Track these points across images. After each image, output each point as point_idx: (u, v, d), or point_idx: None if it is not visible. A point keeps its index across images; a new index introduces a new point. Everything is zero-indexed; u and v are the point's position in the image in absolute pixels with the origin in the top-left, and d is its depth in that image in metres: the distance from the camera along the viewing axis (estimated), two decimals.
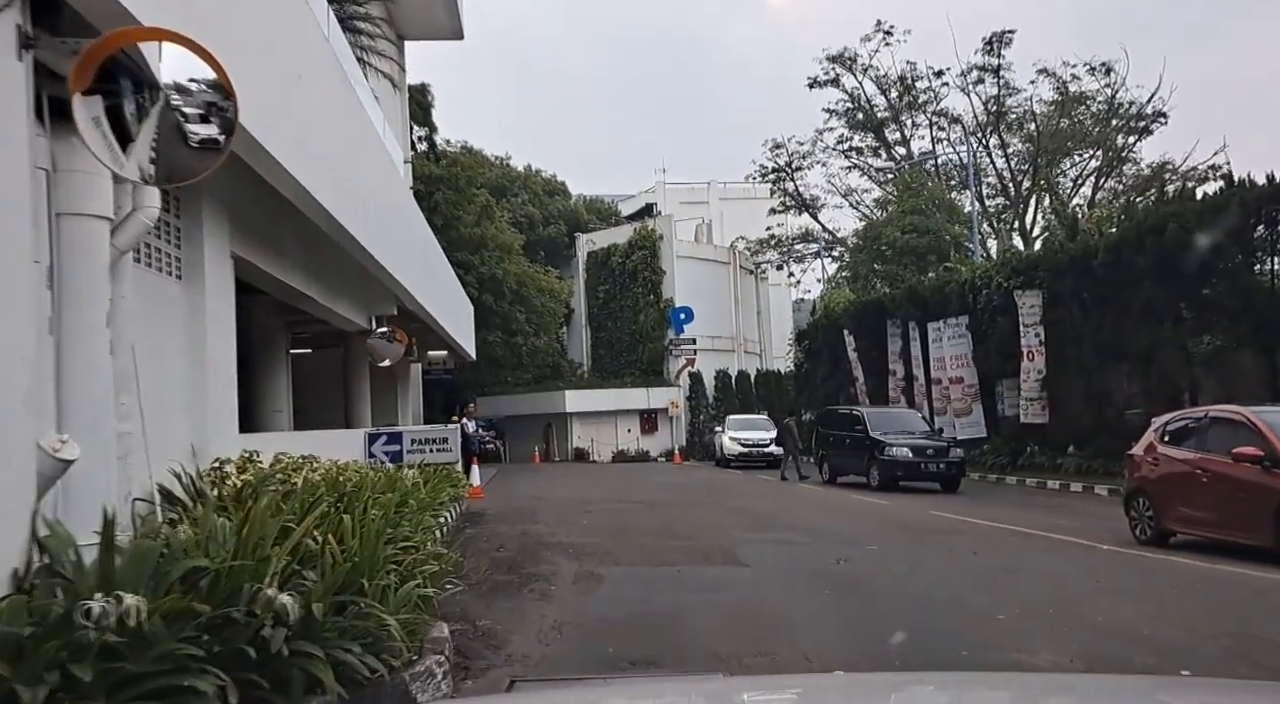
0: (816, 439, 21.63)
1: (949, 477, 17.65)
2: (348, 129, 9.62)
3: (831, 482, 19.44)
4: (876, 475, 17.69)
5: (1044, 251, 21.00)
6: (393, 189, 12.83)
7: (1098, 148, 38.68)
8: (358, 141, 10.11)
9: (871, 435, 18.30)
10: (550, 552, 9.21)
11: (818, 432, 21.77)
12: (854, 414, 20.20)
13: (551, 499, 16.33)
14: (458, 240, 30.56)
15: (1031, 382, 20.91)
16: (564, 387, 40.26)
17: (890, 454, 17.65)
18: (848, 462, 19.38)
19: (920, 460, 17.67)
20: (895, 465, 17.54)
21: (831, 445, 20.22)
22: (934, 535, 10.52)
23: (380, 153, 11.69)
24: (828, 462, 20.30)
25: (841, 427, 20.06)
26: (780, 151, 44.03)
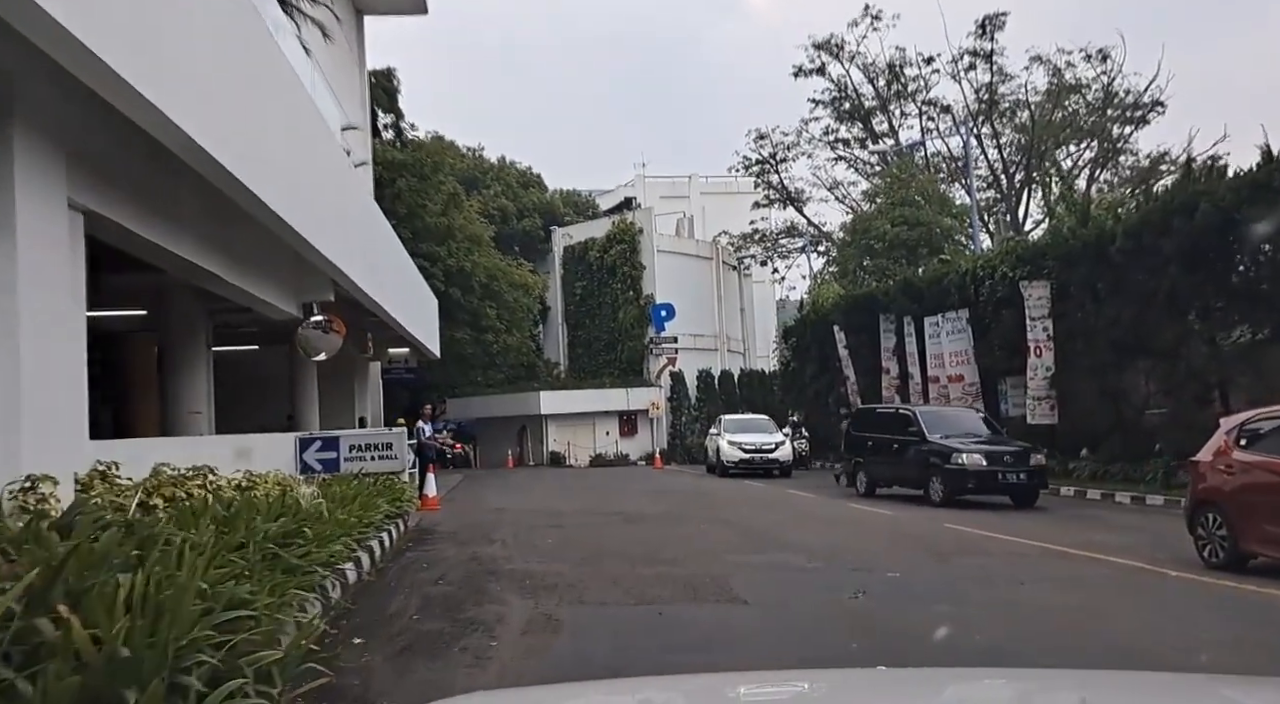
0: (848, 444, 18.56)
1: (1028, 489, 14.62)
2: (252, 65, 7.84)
3: (869, 493, 16.53)
4: (940, 488, 14.60)
5: (1052, 239, 19.45)
6: (326, 157, 11.05)
7: (1093, 138, 37.39)
8: (269, 86, 8.34)
9: (930, 439, 15.26)
10: (501, 585, 7.47)
11: (849, 435, 18.70)
12: (902, 414, 17.24)
13: (517, 512, 14.57)
14: (423, 230, 28.73)
15: (1039, 379, 19.38)
16: (539, 387, 38.48)
17: (960, 462, 14.49)
18: (894, 471, 16.39)
19: (997, 469, 14.50)
20: (965, 476, 14.40)
21: (871, 451, 17.08)
22: (959, 557, 8.87)
23: (306, 110, 9.91)
24: (865, 471, 17.11)
25: (885, 429, 17.01)
26: (764, 142, 42.45)
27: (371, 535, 8.63)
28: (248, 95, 7.70)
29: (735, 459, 23.66)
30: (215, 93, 6.76)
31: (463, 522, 12.88)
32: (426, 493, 14.89)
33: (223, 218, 8.58)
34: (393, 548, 9.58)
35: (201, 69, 6.43)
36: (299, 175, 9.16)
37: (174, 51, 5.84)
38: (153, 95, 5.47)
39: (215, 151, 6.62)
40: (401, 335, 20.06)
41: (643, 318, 40.39)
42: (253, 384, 21.04)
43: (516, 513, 14.35)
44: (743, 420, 26.24)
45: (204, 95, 6.47)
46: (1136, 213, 16.51)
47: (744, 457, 23.60)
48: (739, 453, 23.71)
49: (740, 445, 23.86)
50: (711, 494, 18.06)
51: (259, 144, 7.81)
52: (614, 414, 38.81)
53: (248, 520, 5.32)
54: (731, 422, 25.79)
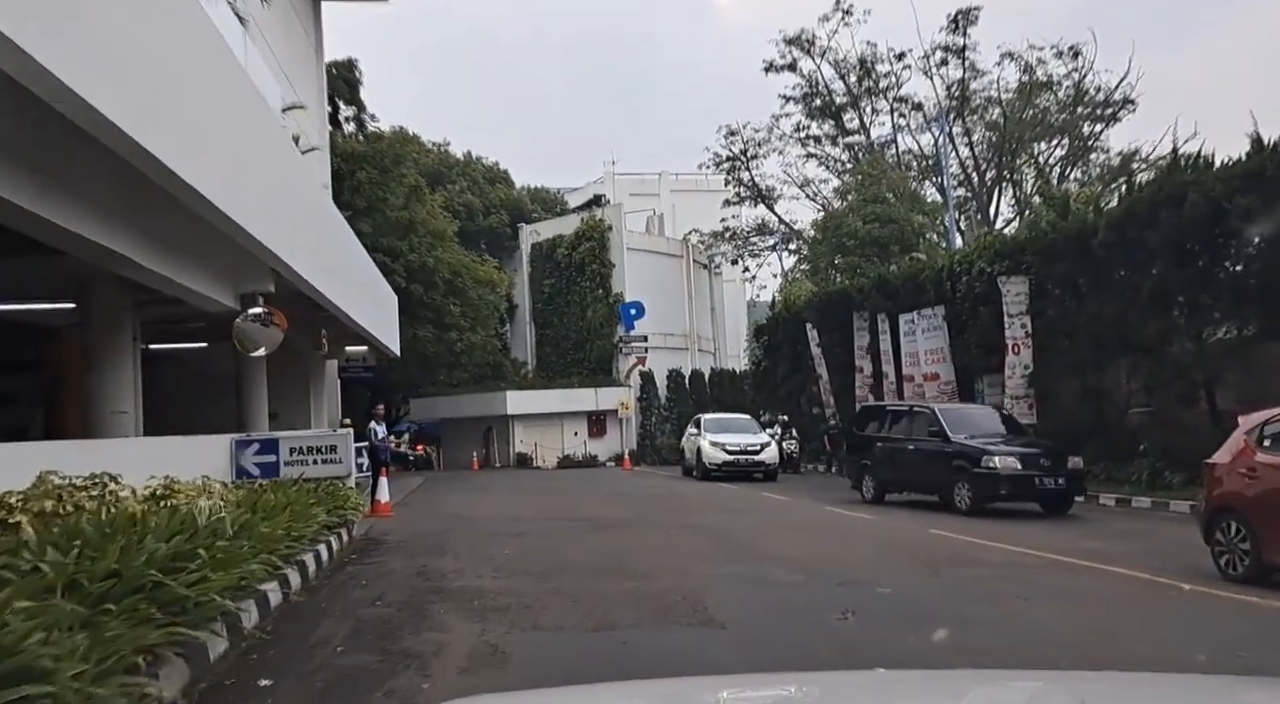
0: (851, 446, 17.18)
1: (1064, 495, 13.24)
2: (167, 27, 6.94)
3: (879, 500, 15.20)
4: (969, 494, 13.14)
5: (1031, 233, 18.93)
6: (263, 135, 10.11)
7: (1063, 135, 37.17)
8: (188, 50, 7.43)
9: (955, 440, 13.79)
10: (447, 606, 6.64)
11: (850, 436, 17.40)
12: (919, 412, 15.53)
13: (475, 518, 13.71)
14: (384, 225, 27.70)
15: (1017, 378, 18.86)
16: (505, 387, 37.52)
17: (991, 465, 12.98)
18: (909, 475, 15.03)
19: (1033, 474, 13.04)
20: (997, 482, 12.93)
21: (880, 454, 15.53)
22: (952, 568, 8.17)
23: (237, 82, 8.98)
24: (872, 474, 15.65)
25: (897, 429, 15.58)
26: (735, 139, 41.81)
27: (304, 549, 7.75)
28: (161, 59, 6.81)
29: (718, 461, 22.06)
30: (118, 54, 5.88)
31: (415, 530, 12.00)
32: (379, 498, 13.98)
33: (139, 197, 7.66)
34: (332, 562, 8.70)
35: (100, 27, 5.55)
36: (228, 152, 8.25)
37: (66, 5, 4.97)
38: (41, 55, 4.63)
39: (118, 118, 5.75)
40: (358, 332, 19.08)
41: (612, 316, 39.60)
42: (200, 384, 19.97)
43: (475, 519, 13.50)
44: (724, 420, 24.57)
45: (103, 55, 5.60)
46: (1120, 205, 15.98)
47: (728, 459, 22.07)
48: (722, 454, 22.16)
49: (724, 447, 22.29)
50: (685, 498, 17.29)
51: (175, 113, 6.91)
52: (582, 414, 37.98)
53: (129, 541, 4.45)
54: (712, 421, 24.14)
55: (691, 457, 23.69)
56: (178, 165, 6.79)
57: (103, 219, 7.35)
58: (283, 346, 19.15)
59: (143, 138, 6.19)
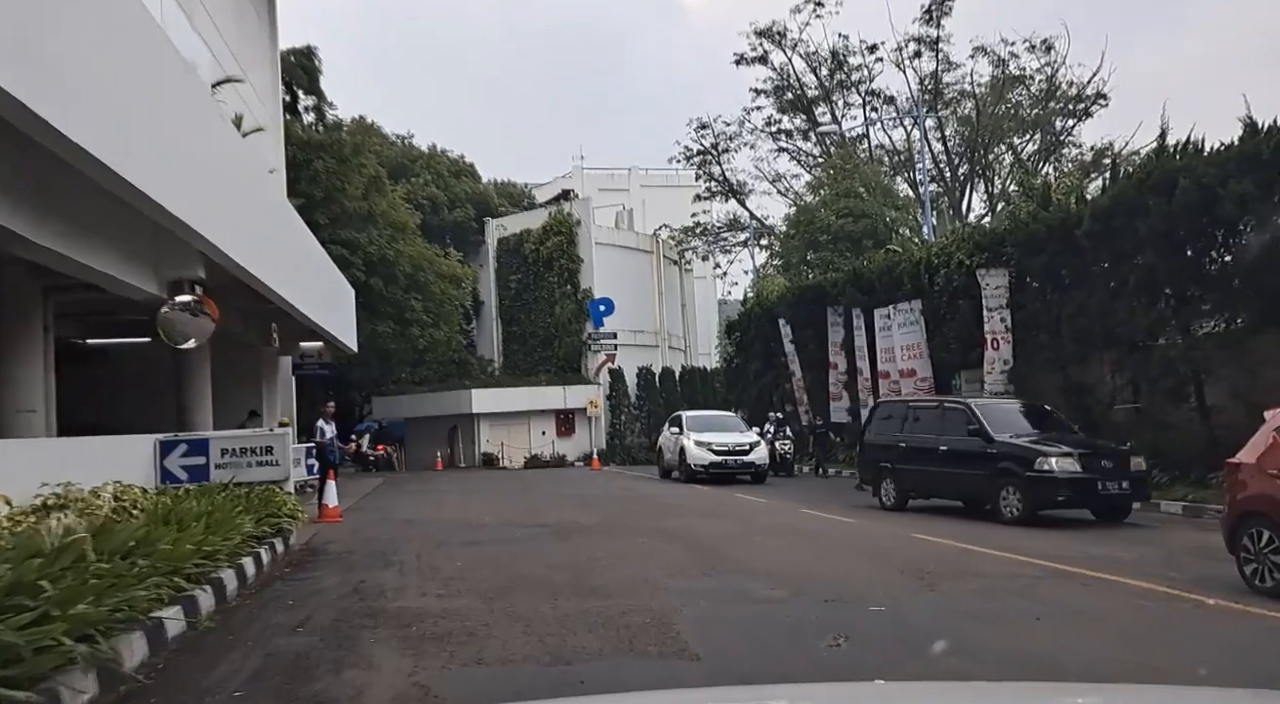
0: (864, 447, 15.47)
1: (1124, 501, 11.78)
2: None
3: (900, 507, 13.66)
4: (1019, 502, 11.50)
5: (1011, 224, 18.33)
6: (186, 104, 9.12)
7: (1036, 130, 36.88)
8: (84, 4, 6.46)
9: (999, 440, 12.08)
10: (380, 633, 5.76)
11: (866, 436, 15.52)
12: (952, 408, 13.57)
13: (430, 523, 12.79)
14: (342, 216, 26.60)
15: (996, 373, 18.27)
16: (471, 385, 36.47)
17: (1047, 468, 11.36)
18: (941, 480, 13.21)
19: (1094, 477, 11.42)
20: (1055, 487, 11.32)
21: (903, 456, 13.79)
22: (949, 581, 7.41)
23: (142, 27, 7.96)
24: (893, 479, 13.97)
25: (922, 427, 13.77)
26: (706, 132, 41.24)
27: (223, 565, 6.81)
28: (48, 11, 5.85)
29: (705, 462, 20.32)
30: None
31: (363, 537, 11.06)
32: (327, 503, 13.01)
33: (33, 165, 6.69)
34: (259, 578, 7.76)
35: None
36: (132, 110, 7.28)
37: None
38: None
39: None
40: (311, 327, 18.03)
41: (580, 313, 38.73)
42: (141, 381, 18.83)
43: (430, 525, 12.57)
44: (708, 417, 22.93)
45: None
46: (1105, 194, 15.39)
47: (715, 459, 20.31)
48: (708, 454, 20.39)
49: (710, 446, 20.53)
50: (657, 501, 16.46)
51: (68, 72, 5.96)
52: (550, 413, 37.07)
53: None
54: (695, 419, 22.34)
55: (673, 457, 21.97)
56: (72, 129, 5.84)
57: None
58: (231, 341, 18.15)
59: (24, 95, 5.24)
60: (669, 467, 22.29)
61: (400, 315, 27.82)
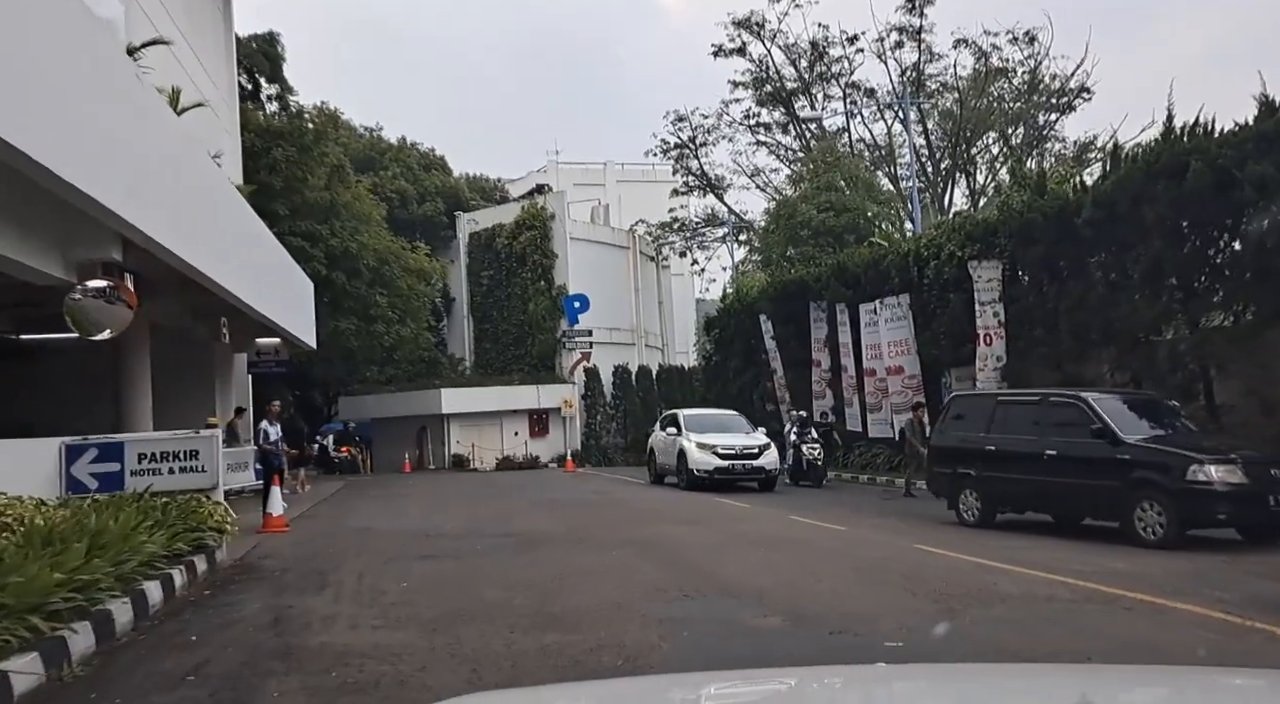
0: (936, 452, 12.76)
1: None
2: None
3: (986, 522, 11.45)
4: (1162, 519, 9.38)
5: (1004, 213, 17.47)
6: (90, 62, 7.96)
7: (1019, 124, 36.24)
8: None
9: (1132, 442, 9.99)
10: (287, 680, 4.68)
11: (937, 438, 13.03)
12: (1059, 403, 11.10)
13: (385, 533, 11.68)
14: (303, 207, 25.33)
15: (989, 371, 17.42)
16: (440, 384, 35.23)
17: (1204, 479, 9.21)
18: (1050, 491, 10.90)
19: (1264, 490, 9.26)
20: (1214, 501, 9.19)
21: (994, 462, 11.42)
22: (970, 605, 6.42)
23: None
24: (978, 489, 11.64)
25: (1021, 427, 11.29)
26: (683, 125, 40.21)
27: (112, 595, 5.69)
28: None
29: (710, 467, 17.95)
30: None
31: (307, 550, 9.95)
32: (270, 512, 11.86)
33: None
34: (167, 605, 6.64)
35: None
36: (35, 78, 6.17)
37: None
38: None
39: None
40: (263, 322, 16.82)
41: (554, 310, 37.64)
42: (79, 379, 17.55)
43: (384, 535, 11.47)
44: (709, 417, 20.52)
45: None
46: (1108, 179, 14.55)
47: (721, 464, 17.96)
48: (713, 458, 18.03)
49: (715, 449, 18.16)
50: (634, 506, 15.42)
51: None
52: (523, 413, 35.93)
53: None
54: (695, 418, 19.98)
55: (668, 460, 19.65)
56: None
57: None
58: (178, 336, 16.93)
59: None
60: (663, 471, 20.15)
61: (364, 311, 26.59)
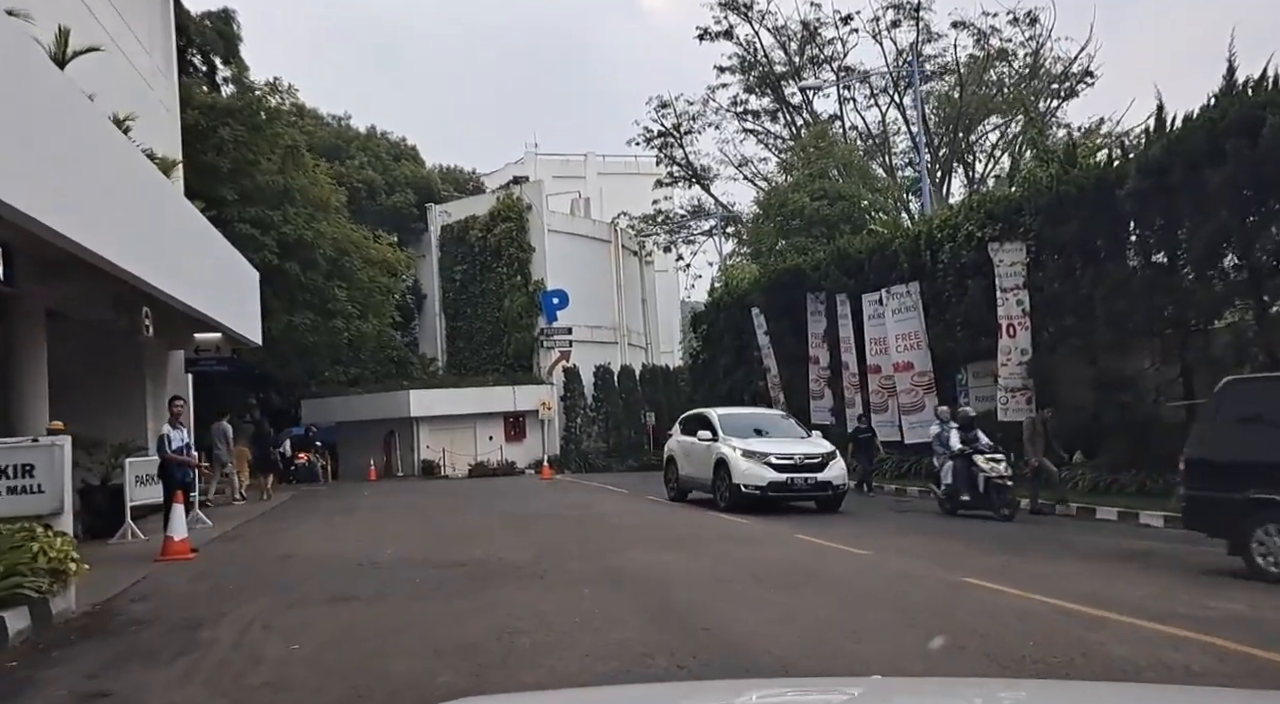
0: (1207, 471, 8.26)
1: None
2: None
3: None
4: None
5: (1028, 189, 15.58)
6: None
7: (1019, 110, 34.51)
8: None
9: None
10: None
11: (1201, 447, 8.41)
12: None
13: (311, 560, 9.62)
14: (253, 192, 23.18)
15: (1013, 365, 15.54)
16: (409, 385, 33.08)
17: None
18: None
19: None
20: None
21: None
22: (1007, 647, 4.47)
23: None
24: None
25: None
26: (667, 112, 38.28)
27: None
28: None
29: (762, 481, 13.55)
30: None
31: (198, 588, 7.88)
32: (171, 536, 9.76)
33: None
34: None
35: None
36: None
37: None
38: None
39: None
40: (188, 312, 14.69)
41: (532, 306, 35.60)
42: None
43: (307, 563, 9.40)
44: (749, 417, 16.22)
45: None
46: (1154, 144, 12.67)
47: (776, 477, 13.58)
48: (766, 471, 13.61)
49: (768, 460, 13.72)
50: (612, 523, 13.40)
51: None
52: (498, 416, 33.87)
53: None
54: (732, 419, 15.55)
55: (698, 472, 15.23)
56: None
57: None
58: (97, 329, 14.78)
59: None
60: (689, 485, 15.78)
61: (321, 305, 24.42)
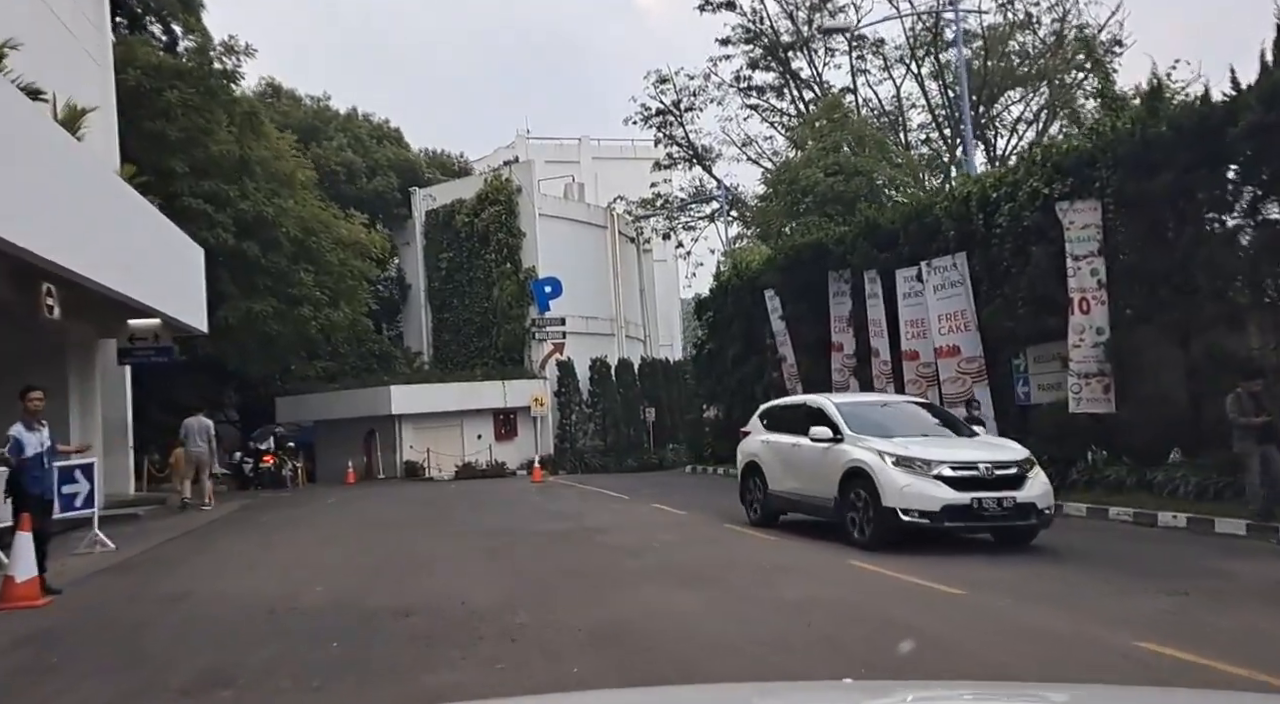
0: None
1: None
2: None
3: None
4: None
5: (1105, 138, 13.03)
6: None
7: (1043, 82, 32.06)
8: None
9: None
10: None
11: None
12: None
13: (209, 605, 7.11)
14: (207, 163, 20.66)
15: (1087, 347, 13.03)
16: (390, 381, 30.53)
17: None
18: None
19: None
20: None
21: None
22: None
23: None
24: None
25: None
26: (666, 88, 35.68)
27: None
28: None
29: (934, 505, 9.06)
30: None
31: (8, 663, 5.36)
32: (12, 575, 7.22)
33: None
34: None
35: None
36: None
37: None
38: None
39: None
40: (104, 293, 12.14)
41: (523, 295, 33.06)
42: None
43: (198, 612, 6.89)
44: (883, 409, 11.23)
45: None
46: None
47: (955, 498, 9.06)
48: (937, 488, 9.13)
49: (939, 471, 9.22)
50: (607, 542, 10.85)
51: None
52: (487, 413, 31.31)
53: None
54: (859, 410, 10.80)
55: (808, 488, 10.53)
56: None
57: None
58: None
59: None
60: (787, 505, 11.09)
61: (285, 291, 21.87)
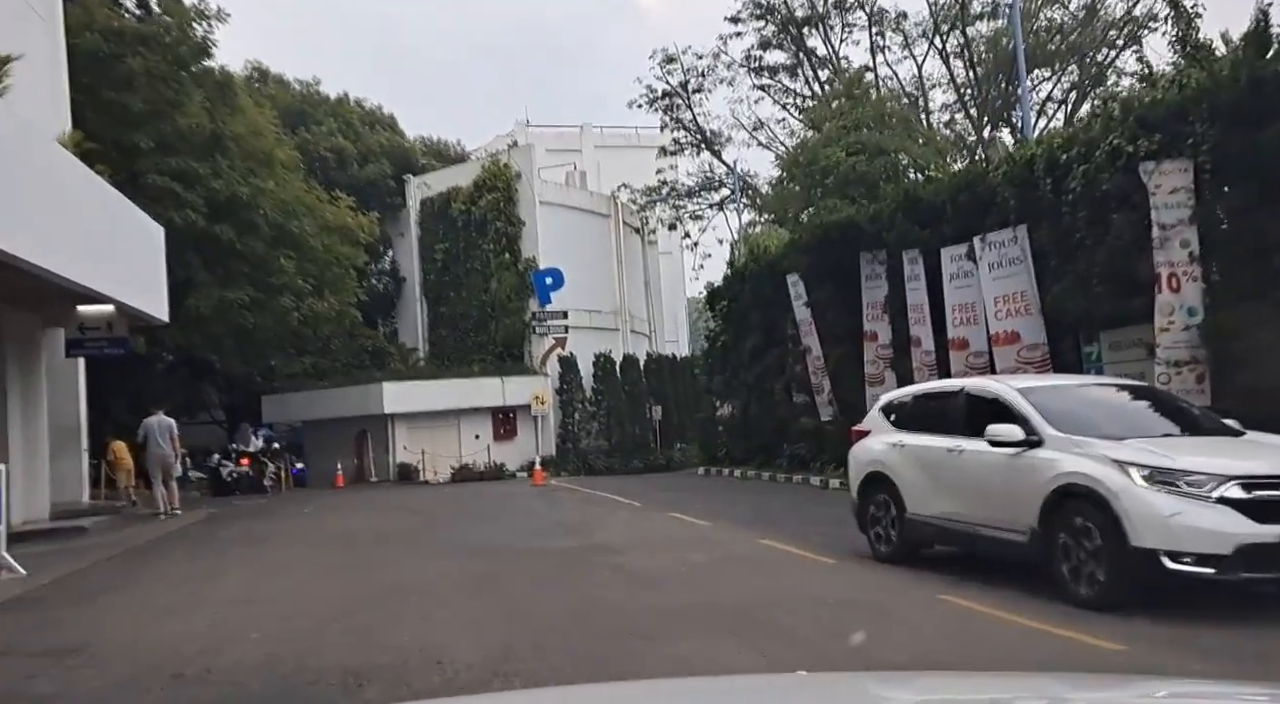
0: None
1: None
2: None
3: None
4: None
5: (1202, 85, 11.15)
6: None
7: (1074, 58, 30.25)
8: None
9: None
10: None
11: None
12: None
13: (100, 665, 5.29)
14: (174, 138, 18.85)
15: (1176, 331, 11.14)
16: (382, 378, 28.73)
17: None
18: None
19: None
20: None
21: None
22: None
23: None
24: None
25: None
26: (674, 68, 33.87)
27: None
28: None
29: (1228, 544, 5.51)
30: None
31: None
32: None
33: None
34: None
35: None
36: None
37: None
38: None
39: None
40: (31, 269, 10.29)
41: (522, 288, 31.37)
42: None
43: (79, 671, 5.09)
44: (1083, 396, 7.79)
45: None
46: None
47: (1254, 532, 5.51)
48: (1226, 516, 5.59)
49: (1226, 492, 5.64)
50: (625, 567, 9.00)
51: None
52: (485, 411, 29.64)
53: None
54: (1056, 397, 7.27)
55: (978, 511, 7.16)
56: None
57: None
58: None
59: None
60: (934, 535, 7.87)
61: (263, 278, 20.04)
